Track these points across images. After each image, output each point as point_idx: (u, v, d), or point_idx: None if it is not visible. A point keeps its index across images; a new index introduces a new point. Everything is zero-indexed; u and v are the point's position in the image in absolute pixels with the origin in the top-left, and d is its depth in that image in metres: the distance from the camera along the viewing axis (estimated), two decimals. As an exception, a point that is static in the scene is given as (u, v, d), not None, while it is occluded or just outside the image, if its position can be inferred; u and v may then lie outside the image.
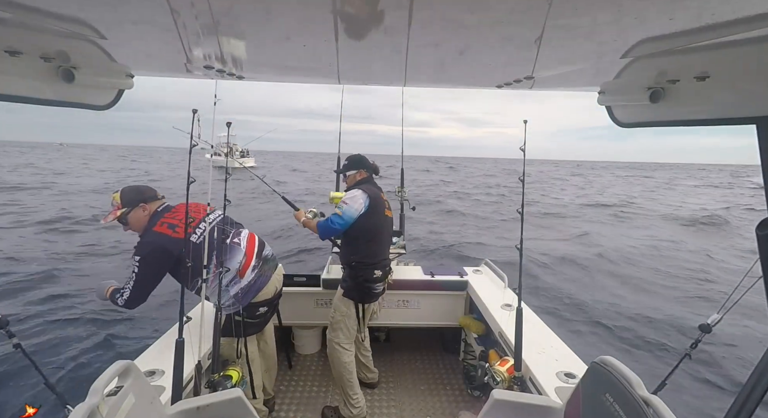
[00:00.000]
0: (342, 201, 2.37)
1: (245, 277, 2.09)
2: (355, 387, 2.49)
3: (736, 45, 0.83)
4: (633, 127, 1.38)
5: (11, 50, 0.90)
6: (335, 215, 2.35)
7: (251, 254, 2.16)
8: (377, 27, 0.88)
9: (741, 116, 0.97)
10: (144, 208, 2.03)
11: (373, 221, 2.40)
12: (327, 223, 2.36)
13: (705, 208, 19.62)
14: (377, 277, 2.45)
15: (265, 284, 2.16)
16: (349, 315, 2.47)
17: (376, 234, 2.45)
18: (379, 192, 2.51)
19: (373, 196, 2.40)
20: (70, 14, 0.82)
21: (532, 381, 1.95)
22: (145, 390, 1.48)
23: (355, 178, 2.54)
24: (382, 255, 2.50)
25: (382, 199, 2.48)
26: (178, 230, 1.96)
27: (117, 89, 1.33)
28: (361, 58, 1.19)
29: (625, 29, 0.83)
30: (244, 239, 2.20)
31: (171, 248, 1.92)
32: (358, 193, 2.37)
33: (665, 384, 1.40)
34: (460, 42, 0.98)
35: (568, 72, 1.23)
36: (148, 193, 2.08)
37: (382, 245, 2.52)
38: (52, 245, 8.78)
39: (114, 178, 26.63)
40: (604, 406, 1.31)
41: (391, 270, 2.66)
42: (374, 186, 2.53)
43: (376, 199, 2.42)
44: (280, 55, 1.17)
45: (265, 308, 2.23)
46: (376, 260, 2.45)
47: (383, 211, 2.47)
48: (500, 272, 3.23)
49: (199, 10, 0.78)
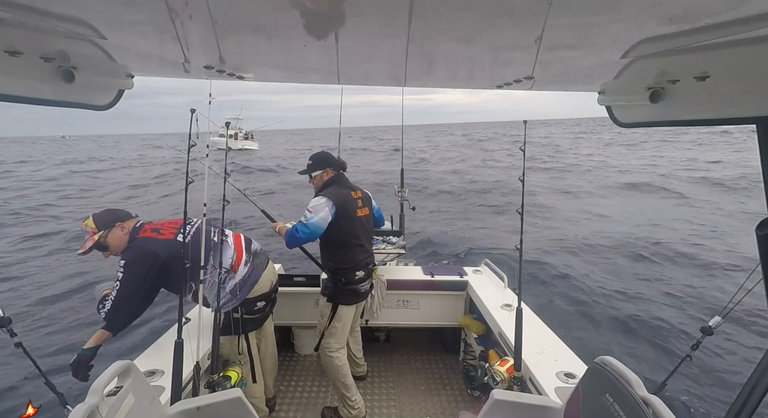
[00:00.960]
0: (307, 209, 2.29)
1: (239, 271, 2.11)
2: (351, 389, 2.49)
3: (736, 45, 0.83)
4: (633, 127, 1.38)
5: (11, 50, 0.90)
6: (300, 223, 2.26)
7: (240, 249, 2.18)
8: (377, 27, 0.88)
9: (741, 116, 0.97)
10: (121, 227, 1.98)
11: (344, 226, 2.33)
12: (293, 232, 2.28)
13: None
14: (360, 278, 2.42)
15: (259, 277, 2.18)
16: (336, 319, 2.45)
17: (350, 238, 2.38)
18: (349, 192, 2.41)
19: (341, 200, 2.31)
20: (70, 14, 0.82)
21: (532, 381, 1.95)
22: (144, 390, 1.48)
23: (323, 179, 2.43)
24: (361, 256, 2.43)
25: (353, 199, 2.39)
26: (163, 232, 1.97)
27: (117, 89, 1.33)
28: (361, 58, 1.19)
29: (625, 29, 0.83)
30: (230, 236, 2.21)
31: (158, 250, 1.91)
32: (323, 200, 2.27)
33: (665, 385, 1.40)
34: (460, 42, 0.98)
35: (568, 72, 1.23)
36: (121, 213, 2.04)
37: (360, 247, 2.44)
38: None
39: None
40: (604, 406, 1.31)
41: (376, 266, 2.61)
42: (343, 186, 2.42)
43: (345, 203, 2.33)
44: (280, 55, 1.17)
45: (263, 303, 2.24)
46: (354, 263, 2.40)
47: (355, 212, 2.38)
48: (500, 272, 3.23)
49: (198, 10, 0.78)
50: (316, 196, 2.36)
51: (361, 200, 2.48)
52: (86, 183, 19.79)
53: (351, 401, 2.47)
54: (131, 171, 25.45)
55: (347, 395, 2.47)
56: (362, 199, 2.50)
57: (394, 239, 3.31)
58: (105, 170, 26.42)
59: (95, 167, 29.12)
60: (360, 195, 2.49)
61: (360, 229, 2.44)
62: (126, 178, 20.97)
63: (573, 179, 17.08)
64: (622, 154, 28.09)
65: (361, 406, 2.51)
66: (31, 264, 7.35)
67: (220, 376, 1.90)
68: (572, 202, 12.86)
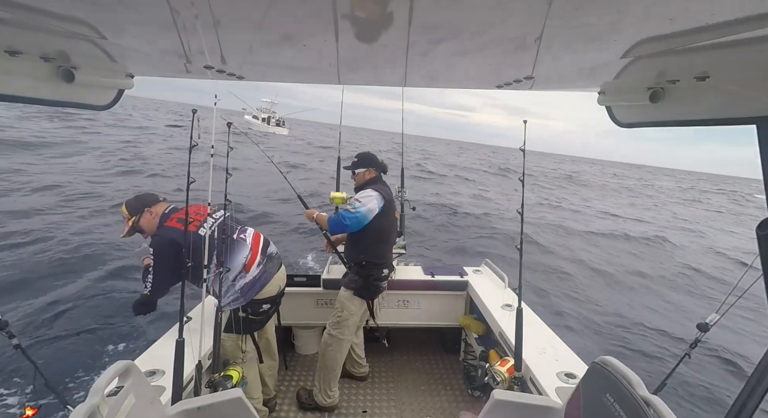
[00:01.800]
0: (355, 199, 2.36)
1: (250, 272, 2.12)
2: (335, 380, 2.58)
3: (736, 45, 0.83)
4: (633, 127, 1.38)
5: (11, 50, 0.90)
6: (347, 211, 2.33)
7: (257, 249, 2.20)
8: (377, 27, 0.88)
9: (741, 116, 0.97)
10: (150, 211, 2.12)
11: (384, 223, 2.41)
12: (338, 218, 2.36)
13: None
14: (384, 275, 2.52)
15: (268, 280, 2.19)
16: (356, 313, 2.51)
17: (386, 235, 2.49)
18: (391, 193, 2.53)
19: (387, 197, 2.42)
20: (70, 14, 0.82)
21: (532, 381, 1.95)
22: (145, 390, 1.48)
23: (365, 177, 2.52)
24: (389, 255, 2.56)
25: (393, 201, 2.51)
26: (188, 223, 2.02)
27: (117, 89, 1.33)
28: (361, 59, 1.19)
29: (625, 29, 0.83)
30: (250, 235, 2.25)
31: (180, 241, 1.95)
32: (374, 193, 2.36)
33: (665, 384, 1.40)
34: (460, 42, 0.98)
35: (568, 72, 1.23)
36: (149, 199, 2.17)
37: (389, 246, 2.57)
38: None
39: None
40: (604, 406, 1.31)
41: (394, 268, 2.71)
42: (385, 186, 2.53)
43: (390, 201, 2.44)
44: (280, 55, 1.17)
45: (269, 306, 2.25)
46: (384, 260, 2.50)
47: (393, 212, 2.51)
48: (500, 272, 3.23)
49: (198, 10, 0.78)
50: (362, 190, 2.44)
51: (395, 203, 2.62)
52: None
53: (331, 391, 2.56)
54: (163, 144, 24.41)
55: (330, 385, 2.56)
56: (394, 202, 2.62)
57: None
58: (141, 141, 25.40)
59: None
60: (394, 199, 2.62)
61: (393, 228, 2.58)
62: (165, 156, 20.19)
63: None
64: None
65: (336, 397, 2.60)
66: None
67: (221, 375, 1.90)
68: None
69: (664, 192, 39.36)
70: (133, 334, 4.93)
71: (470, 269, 3.44)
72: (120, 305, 5.68)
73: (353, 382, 2.95)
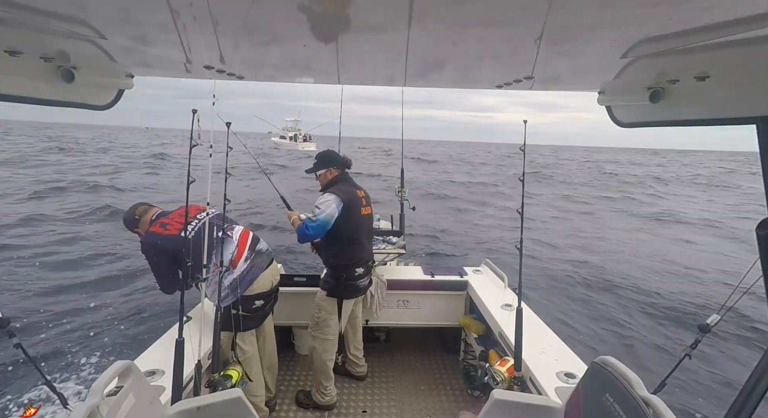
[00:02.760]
0: (315, 206, 2.36)
1: (237, 267, 2.14)
2: (329, 379, 2.61)
3: (736, 45, 0.83)
4: (633, 127, 1.38)
5: (11, 50, 0.90)
6: (309, 220, 2.35)
7: (243, 245, 2.22)
8: (377, 27, 0.88)
9: (741, 116, 0.97)
10: (143, 221, 2.30)
11: (350, 224, 2.39)
12: (303, 228, 2.36)
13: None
14: (359, 274, 2.50)
15: (257, 274, 2.20)
16: (333, 312, 2.53)
17: (354, 236, 2.47)
18: (355, 190, 2.49)
19: (348, 197, 2.38)
20: (70, 14, 0.82)
21: (532, 381, 1.95)
22: (145, 390, 1.48)
23: (327, 177, 2.50)
24: (362, 253, 2.53)
25: (358, 198, 2.48)
26: (169, 227, 2.12)
27: (117, 89, 1.33)
28: (361, 58, 1.19)
29: (625, 29, 0.83)
30: (237, 232, 2.27)
31: (162, 244, 2.08)
32: (331, 197, 2.34)
33: (665, 384, 1.40)
34: (460, 42, 0.98)
35: (568, 72, 1.23)
36: (139, 210, 2.34)
37: (361, 245, 2.54)
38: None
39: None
40: (604, 406, 1.31)
41: (374, 263, 2.68)
42: (348, 184, 2.49)
43: (351, 200, 2.40)
44: (280, 55, 1.17)
45: (262, 302, 2.25)
46: (355, 260, 2.48)
47: (359, 210, 2.46)
48: (500, 272, 3.23)
49: (198, 10, 0.78)
50: (323, 193, 2.43)
51: (365, 199, 2.55)
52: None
53: (325, 390, 2.60)
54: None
55: (325, 384, 2.59)
56: (366, 198, 2.57)
57: (394, 239, 3.31)
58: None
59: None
60: (363, 194, 2.56)
61: (363, 226, 2.53)
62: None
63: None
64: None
65: (333, 395, 2.64)
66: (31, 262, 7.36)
67: (220, 375, 1.90)
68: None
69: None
70: (132, 334, 4.93)
71: (470, 269, 3.44)
72: (120, 305, 5.68)
73: (353, 382, 2.96)
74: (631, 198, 19.12)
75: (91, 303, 5.65)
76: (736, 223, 13.54)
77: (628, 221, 13.86)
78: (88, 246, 8.58)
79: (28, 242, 8.34)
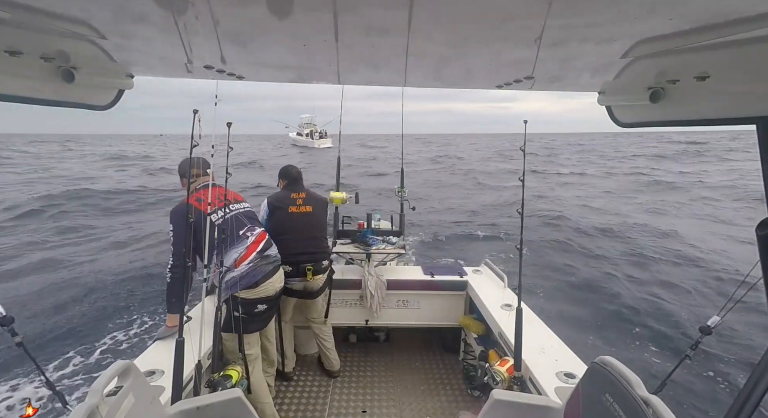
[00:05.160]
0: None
1: (239, 268, 2.15)
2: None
3: (736, 45, 0.83)
4: (633, 127, 1.38)
5: (11, 50, 0.90)
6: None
7: (253, 248, 2.23)
8: (377, 27, 0.88)
9: (741, 116, 0.97)
10: (182, 182, 2.33)
11: (275, 220, 2.68)
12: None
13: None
14: (287, 272, 2.54)
15: (257, 278, 2.18)
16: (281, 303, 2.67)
17: (282, 232, 2.62)
18: (288, 193, 2.76)
19: (273, 199, 2.72)
20: (70, 14, 0.82)
21: (531, 381, 1.95)
22: (144, 390, 1.48)
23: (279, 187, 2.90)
24: (288, 251, 2.55)
25: (290, 199, 2.72)
26: (203, 205, 2.12)
27: (117, 89, 1.33)
28: (361, 58, 1.19)
29: (625, 29, 0.83)
30: (255, 235, 2.28)
31: (187, 213, 2.03)
32: (264, 202, 2.75)
33: (665, 384, 1.40)
34: (460, 42, 0.98)
35: (568, 72, 1.23)
36: (186, 167, 2.29)
37: (292, 242, 2.62)
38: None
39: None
40: (603, 406, 1.31)
41: (309, 267, 2.68)
42: (286, 189, 2.80)
43: (277, 201, 2.71)
44: (280, 55, 1.17)
45: (264, 306, 2.24)
46: (282, 255, 2.50)
47: (286, 209, 2.68)
48: (500, 272, 3.23)
49: (199, 10, 0.78)
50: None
51: (303, 199, 2.76)
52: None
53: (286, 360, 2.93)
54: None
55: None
56: (304, 199, 2.77)
57: (394, 239, 3.31)
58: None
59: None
60: (301, 196, 2.77)
61: (292, 224, 2.70)
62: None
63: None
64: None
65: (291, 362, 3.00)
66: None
67: (220, 375, 1.90)
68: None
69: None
70: (132, 334, 4.94)
71: (470, 268, 3.44)
72: (121, 305, 5.69)
73: (353, 381, 2.96)
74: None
75: (92, 302, 5.66)
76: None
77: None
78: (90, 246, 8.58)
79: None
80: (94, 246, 8.60)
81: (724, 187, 16.58)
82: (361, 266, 3.20)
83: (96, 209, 12.47)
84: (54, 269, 7.04)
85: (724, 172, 21.74)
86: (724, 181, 18.23)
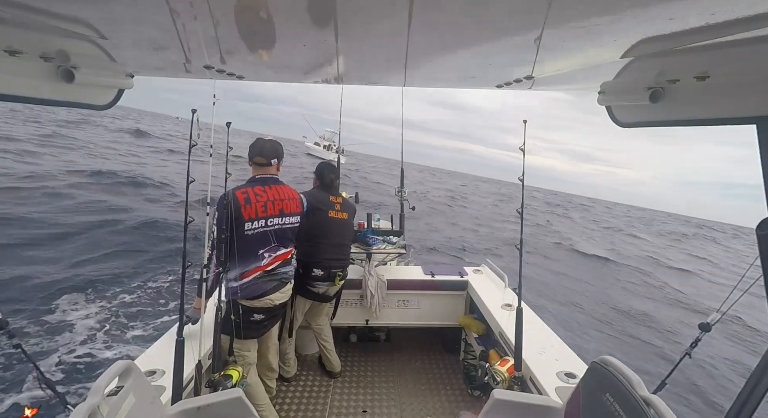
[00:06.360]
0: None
1: (244, 279, 2.10)
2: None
3: (736, 45, 0.83)
4: (633, 127, 1.38)
5: (11, 50, 0.90)
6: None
7: (261, 269, 2.14)
8: (377, 27, 0.88)
9: (741, 116, 0.97)
10: (252, 166, 2.24)
11: (314, 221, 2.54)
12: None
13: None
14: (317, 275, 2.55)
15: (258, 292, 2.12)
16: (296, 306, 2.68)
17: (319, 235, 2.58)
18: (327, 195, 2.65)
19: (313, 199, 2.56)
20: (70, 14, 0.82)
21: (532, 381, 1.95)
22: (145, 390, 1.48)
23: (314, 184, 2.79)
24: (322, 255, 2.59)
25: (329, 202, 2.63)
26: (248, 207, 2.05)
27: (117, 89, 1.33)
28: (361, 58, 1.19)
29: (625, 29, 0.83)
30: (272, 256, 2.17)
31: (227, 208, 1.98)
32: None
33: (665, 384, 1.40)
34: (460, 42, 0.98)
35: (568, 72, 1.23)
36: (259, 159, 2.20)
37: (329, 247, 2.61)
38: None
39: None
40: (604, 406, 1.31)
41: (339, 273, 2.67)
42: (322, 190, 2.68)
43: (319, 202, 2.59)
44: (280, 55, 1.17)
45: (262, 316, 2.19)
46: (314, 258, 2.56)
47: (326, 212, 2.60)
48: (500, 272, 3.23)
49: (198, 10, 0.78)
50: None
51: (339, 205, 2.69)
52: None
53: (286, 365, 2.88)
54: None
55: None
56: (341, 204, 2.69)
57: (394, 238, 3.31)
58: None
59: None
60: (338, 200, 2.70)
61: (328, 229, 2.63)
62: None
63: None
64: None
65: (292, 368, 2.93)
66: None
67: (220, 375, 1.90)
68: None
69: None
70: (133, 334, 4.93)
71: (470, 268, 3.44)
72: (121, 305, 5.68)
73: (353, 381, 2.96)
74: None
75: (92, 302, 5.65)
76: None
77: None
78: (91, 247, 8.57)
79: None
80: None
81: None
82: (361, 265, 3.20)
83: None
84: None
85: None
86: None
